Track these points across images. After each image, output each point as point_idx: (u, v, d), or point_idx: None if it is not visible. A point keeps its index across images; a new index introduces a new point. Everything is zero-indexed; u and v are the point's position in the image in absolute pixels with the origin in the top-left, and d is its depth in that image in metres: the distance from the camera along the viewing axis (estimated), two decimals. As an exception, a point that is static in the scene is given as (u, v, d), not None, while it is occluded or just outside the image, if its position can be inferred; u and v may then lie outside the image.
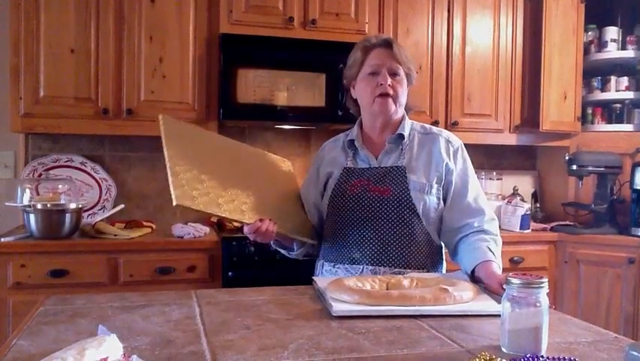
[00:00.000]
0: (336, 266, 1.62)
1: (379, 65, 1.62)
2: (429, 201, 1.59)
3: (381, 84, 1.60)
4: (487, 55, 3.14)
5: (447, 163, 1.63)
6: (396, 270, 1.56)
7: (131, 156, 2.98)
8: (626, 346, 0.85)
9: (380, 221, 1.58)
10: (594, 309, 2.86)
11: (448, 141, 1.67)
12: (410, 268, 1.57)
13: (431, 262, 1.62)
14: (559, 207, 3.28)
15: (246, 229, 1.50)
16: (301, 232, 1.63)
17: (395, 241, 1.57)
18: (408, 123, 1.70)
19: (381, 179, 1.61)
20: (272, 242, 1.64)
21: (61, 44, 2.57)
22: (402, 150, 1.65)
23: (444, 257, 1.70)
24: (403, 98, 1.66)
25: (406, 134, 1.66)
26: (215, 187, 1.45)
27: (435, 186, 1.61)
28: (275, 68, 2.73)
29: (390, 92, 1.61)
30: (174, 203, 1.31)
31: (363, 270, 1.57)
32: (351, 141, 1.71)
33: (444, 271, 1.69)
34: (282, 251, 1.73)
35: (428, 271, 1.60)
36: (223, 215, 1.42)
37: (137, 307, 1.24)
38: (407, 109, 1.73)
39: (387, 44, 1.63)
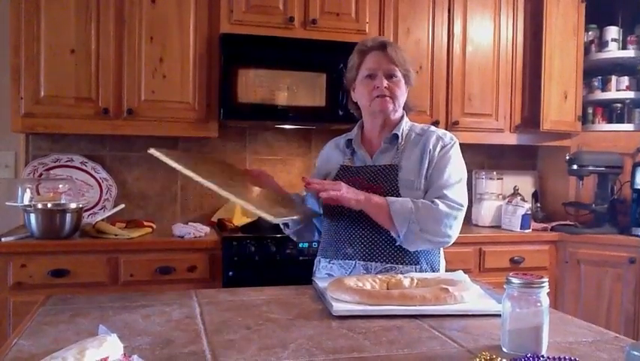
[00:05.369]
0: (332, 262, 1.65)
1: (375, 68, 1.65)
2: (417, 197, 1.59)
3: (378, 87, 1.63)
4: (488, 54, 3.14)
5: (434, 156, 1.63)
6: (387, 265, 1.57)
7: (131, 156, 2.98)
8: (627, 346, 0.84)
9: (371, 218, 1.57)
10: (595, 309, 2.86)
11: (439, 137, 1.67)
12: (402, 264, 1.58)
13: (425, 258, 1.62)
14: (559, 206, 3.28)
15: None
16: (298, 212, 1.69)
17: (384, 236, 1.58)
18: (406, 124, 1.71)
19: (373, 177, 1.64)
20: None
21: (61, 44, 2.57)
22: (397, 149, 1.67)
23: (441, 254, 1.70)
24: (401, 99, 1.68)
25: (399, 133, 1.68)
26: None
27: (423, 182, 1.61)
28: (275, 68, 2.73)
29: (387, 93, 1.64)
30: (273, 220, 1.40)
31: (355, 265, 1.59)
32: (350, 141, 1.75)
33: (442, 267, 1.69)
34: (282, 226, 1.77)
35: (422, 267, 1.60)
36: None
37: (138, 307, 1.24)
38: (407, 109, 1.75)
39: (383, 47, 1.65)
